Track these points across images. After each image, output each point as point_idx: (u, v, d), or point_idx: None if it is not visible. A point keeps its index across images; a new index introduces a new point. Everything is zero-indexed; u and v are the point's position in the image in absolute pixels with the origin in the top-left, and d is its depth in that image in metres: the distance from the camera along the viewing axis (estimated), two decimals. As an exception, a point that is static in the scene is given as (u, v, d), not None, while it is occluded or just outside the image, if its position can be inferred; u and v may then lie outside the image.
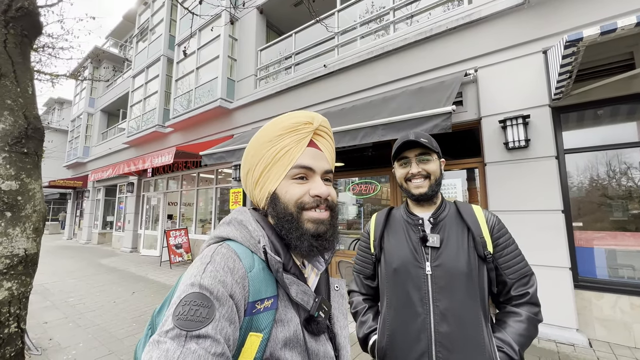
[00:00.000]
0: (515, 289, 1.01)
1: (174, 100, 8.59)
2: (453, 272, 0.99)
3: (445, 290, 0.98)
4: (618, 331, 3.12)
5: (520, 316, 0.99)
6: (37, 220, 1.79)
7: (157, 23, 10.27)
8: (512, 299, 1.02)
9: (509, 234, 1.07)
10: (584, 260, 3.40)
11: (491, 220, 1.07)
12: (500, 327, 1.00)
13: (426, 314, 0.98)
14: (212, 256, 0.52)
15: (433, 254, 1.03)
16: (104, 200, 13.56)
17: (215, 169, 8.26)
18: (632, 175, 3.33)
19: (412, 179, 1.08)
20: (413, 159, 1.09)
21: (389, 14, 5.15)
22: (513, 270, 1.02)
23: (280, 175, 0.61)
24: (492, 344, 0.95)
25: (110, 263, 8.46)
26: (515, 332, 0.96)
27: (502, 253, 1.03)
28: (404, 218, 1.14)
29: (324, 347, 0.59)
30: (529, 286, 1.02)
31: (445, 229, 1.06)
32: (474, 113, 4.02)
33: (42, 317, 4.17)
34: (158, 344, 0.42)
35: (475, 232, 1.03)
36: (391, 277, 1.08)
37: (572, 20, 3.40)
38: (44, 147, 2.07)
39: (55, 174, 19.23)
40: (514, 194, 3.58)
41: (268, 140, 0.62)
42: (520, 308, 1.00)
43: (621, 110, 3.39)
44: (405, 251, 1.07)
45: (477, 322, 0.95)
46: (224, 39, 7.37)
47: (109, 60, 14.53)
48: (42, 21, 1.95)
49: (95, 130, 14.40)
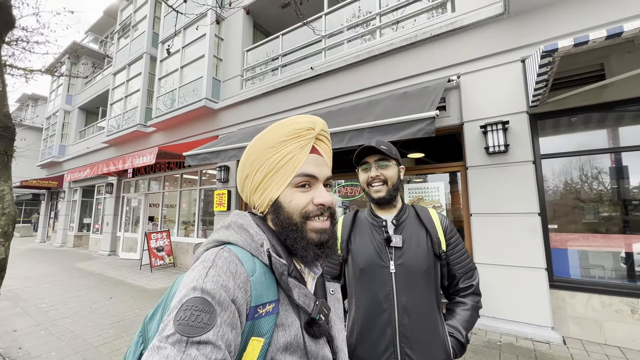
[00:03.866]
0: (463, 282, 1.17)
1: (157, 99, 8.38)
2: (414, 269, 1.09)
3: (407, 287, 1.08)
4: (590, 329, 3.27)
5: (467, 305, 1.16)
6: (6, 223, 1.69)
7: (140, 20, 9.99)
8: (460, 291, 1.18)
9: (458, 234, 1.21)
10: (559, 261, 3.55)
11: (444, 222, 1.20)
12: (451, 315, 1.16)
13: (391, 309, 1.07)
14: (214, 260, 0.51)
15: (396, 253, 1.11)
16: (80, 201, 13.01)
17: (200, 170, 8.10)
18: (602, 179, 3.51)
19: (372, 184, 1.17)
20: (373, 164, 1.17)
21: (375, 19, 5.23)
22: (461, 266, 1.17)
23: (284, 183, 0.60)
24: (444, 330, 1.10)
25: (86, 267, 8.11)
26: (463, 319, 1.13)
27: (453, 251, 1.17)
28: (369, 220, 1.22)
29: (322, 351, 0.60)
30: (473, 279, 1.19)
31: (406, 230, 1.15)
32: (457, 118, 4.13)
33: (11, 324, 3.95)
34: (158, 349, 0.41)
35: (432, 233, 1.14)
36: (358, 277, 1.15)
37: (549, 31, 3.57)
38: (15, 146, 1.97)
39: (28, 173, 18.32)
40: (494, 197, 3.70)
41: (270, 146, 0.61)
42: (466, 298, 1.17)
43: (593, 118, 3.57)
44: (370, 252, 1.14)
45: (433, 313, 1.09)
46: (210, 38, 7.26)
47: (88, 56, 14.00)
48: (14, 15, 1.86)
49: (73, 128, 13.81)
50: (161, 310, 0.60)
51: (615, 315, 3.16)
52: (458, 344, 1.10)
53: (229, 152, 4.94)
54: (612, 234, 3.38)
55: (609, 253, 3.37)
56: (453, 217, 4.52)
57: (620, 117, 3.43)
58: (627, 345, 3.08)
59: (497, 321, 3.51)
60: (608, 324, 3.19)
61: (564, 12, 3.50)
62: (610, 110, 3.45)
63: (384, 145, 1.15)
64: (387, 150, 1.14)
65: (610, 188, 3.45)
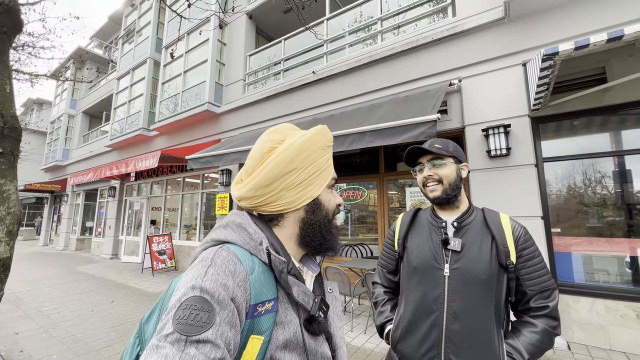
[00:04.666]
0: (535, 301, 1.02)
1: (160, 104, 8.44)
2: (470, 276, 1.01)
3: (461, 293, 1.01)
4: (595, 334, 3.22)
5: (536, 327, 1.00)
6: (10, 223, 1.70)
7: (144, 25, 10.11)
8: (531, 310, 1.03)
9: (535, 246, 1.06)
10: (563, 265, 3.52)
11: (518, 230, 1.06)
12: (514, 334, 1.02)
13: (440, 312, 1.02)
14: (213, 259, 0.52)
15: (453, 257, 1.06)
16: (83, 204, 13.07)
17: (202, 174, 8.13)
18: (606, 183, 3.49)
19: (427, 184, 1.14)
20: (426, 164, 1.15)
21: (376, 24, 5.27)
22: (535, 283, 1.02)
23: (324, 183, 0.66)
24: (501, 348, 0.97)
25: (88, 270, 8.12)
26: (528, 342, 0.98)
27: (525, 264, 1.03)
28: (429, 220, 1.19)
29: (321, 348, 0.60)
30: (549, 300, 1.02)
31: (468, 234, 1.08)
32: (458, 122, 4.13)
33: (12, 327, 3.95)
34: (157, 348, 0.41)
35: (499, 241, 1.03)
36: (411, 275, 1.13)
37: (549, 35, 3.58)
38: (20, 148, 1.99)
39: (32, 177, 18.42)
40: (496, 200, 3.69)
41: (321, 147, 0.66)
42: (537, 320, 1.01)
43: (595, 121, 3.57)
44: (425, 251, 1.11)
45: (489, 326, 0.98)
46: (213, 43, 7.33)
47: (92, 61, 14.16)
48: (22, 18, 1.90)
49: (76, 132, 13.92)
50: (158, 311, 0.60)
51: (621, 320, 3.12)
52: None
53: (231, 156, 4.96)
54: (617, 238, 3.35)
55: (613, 257, 3.34)
56: (455, 220, 4.50)
57: (622, 120, 3.42)
58: (633, 351, 3.03)
59: (501, 326, 3.47)
60: (613, 329, 3.15)
61: (565, 16, 3.51)
62: (612, 114, 3.45)
63: (438, 143, 1.13)
64: (441, 148, 1.11)
65: (614, 192, 3.43)
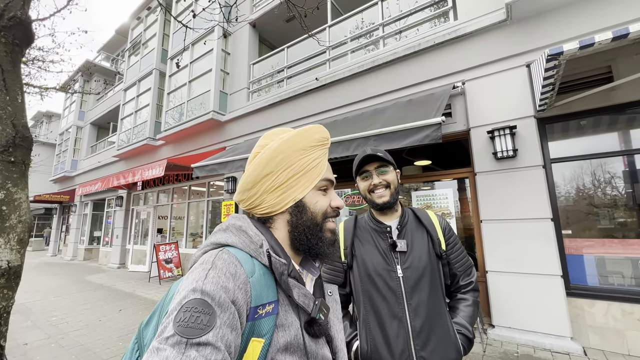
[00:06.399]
0: (463, 279, 1.21)
1: (166, 113, 8.57)
2: (420, 271, 1.11)
3: (415, 289, 1.10)
4: (611, 339, 3.13)
5: (468, 301, 1.19)
6: (22, 231, 1.72)
7: (150, 37, 10.35)
8: (461, 288, 1.21)
9: (455, 234, 1.25)
10: (575, 268, 3.44)
11: (443, 222, 1.23)
12: (455, 312, 1.18)
13: (402, 312, 1.08)
14: (214, 262, 0.52)
15: (402, 257, 1.13)
16: (91, 214, 13.21)
17: (207, 182, 8.18)
18: (616, 184, 3.43)
19: (375, 190, 1.18)
20: (373, 172, 1.19)
21: (378, 30, 5.31)
22: (461, 264, 1.21)
23: (310, 185, 0.64)
24: (453, 328, 1.12)
25: (96, 279, 8.16)
26: (467, 315, 1.16)
27: (452, 250, 1.20)
28: (371, 226, 1.22)
29: (322, 351, 0.59)
30: (472, 276, 1.22)
31: (408, 233, 1.18)
32: (463, 124, 4.11)
33: (22, 337, 3.97)
34: (158, 351, 0.41)
35: (432, 234, 1.17)
36: (366, 283, 1.15)
37: (553, 35, 3.57)
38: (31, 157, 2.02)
39: (41, 188, 18.73)
40: (504, 202, 3.64)
41: (302, 148, 0.64)
42: (467, 294, 1.20)
43: (603, 120, 3.52)
44: (377, 257, 1.15)
45: (442, 312, 1.11)
46: (217, 52, 7.45)
47: (100, 74, 14.47)
48: (34, 31, 1.95)
49: (84, 143, 14.17)
50: (157, 315, 0.60)
51: (638, 325, 3.03)
52: (466, 340, 1.12)
53: (235, 163, 4.98)
54: (630, 239, 3.27)
55: (627, 259, 3.25)
56: (463, 224, 4.45)
57: (631, 119, 3.37)
58: (653, 356, 2.93)
59: (513, 331, 3.39)
60: (630, 334, 3.05)
61: (568, 17, 3.50)
62: (620, 113, 3.40)
63: (380, 152, 1.18)
64: (384, 155, 1.18)
65: (625, 192, 3.36)
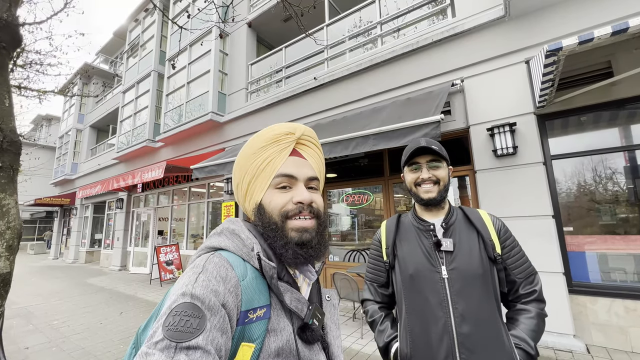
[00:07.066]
0: (523, 288, 1.06)
1: (165, 115, 8.56)
2: (468, 274, 1.01)
3: (463, 293, 1.00)
4: (614, 336, 3.11)
5: (531, 312, 1.03)
6: (10, 237, 1.70)
7: (148, 39, 10.33)
8: (521, 297, 1.06)
9: (514, 236, 1.12)
10: (577, 265, 3.42)
11: (497, 223, 1.11)
12: (514, 324, 1.04)
13: (447, 317, 0.99)
14: (204, 265, 0.52)
15: (447, 258, 1.05)
16: (92, 217, 13.21)
17: (207, 183, 8.17)
18: (617, 179, 3.40)
19: (422, 184, 1.11)
20: (424, 165, 1.11)
21: (376, 28, 5.28)
22: (520, 270, 1.07)
23: (265, 186, 0.62)
24: (510, 341, 0.98)
25: (97, 282, 8.17)
26: (529, 329, 1.01)
27: (510, 254, 1.07)
28: (414, 224, 1.15)
29: (317, 357, 0.58)
30: (534, 284, 1.07)
31: (456, 233, 1.08)
32: (462, 122, 4.09)
33: (23, 341, 3.96)
34: (147, 355, 0.40)
35: (484, 235, 1.06)
36: (408, 284, 1.09)
37: (552, 31, 3.54)
38: (27, 164, 2.01)
39: (42, 191, 18.76)
40: (504, 200, 3.62)
41: (252, 152, 0.64)
42: (529, 305, 1.05)
43: (603, 116, 3.49)
44: (419, 257, 1.08)
45: (495, 322, 0.99)
46: (215, 53, 7.43)
47: (98, 77, 14.45)
48: (21, 33, 1.93)
49: (84, 146, 14.17)
50: (153, 320, 0.59)
51: (641, 321, 3.01)
52: (526, 357, 0.97)
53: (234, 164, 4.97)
54: (632, 236, 3.24)
55: (629, 255, 3.23)
56: (463, 222, 4.42)
57: (632, 114, 3.35)
58: (656, 353, 2.91)
59: (515, 329, 3.37)
60: (634, 331, 3.03)
61: (566, 12, 3.47)
62: (620, 108, 3.37)
63: (435, 145, 1.10)
64: (439, 149, 1.09)
65: (626, 188, 3.34)
